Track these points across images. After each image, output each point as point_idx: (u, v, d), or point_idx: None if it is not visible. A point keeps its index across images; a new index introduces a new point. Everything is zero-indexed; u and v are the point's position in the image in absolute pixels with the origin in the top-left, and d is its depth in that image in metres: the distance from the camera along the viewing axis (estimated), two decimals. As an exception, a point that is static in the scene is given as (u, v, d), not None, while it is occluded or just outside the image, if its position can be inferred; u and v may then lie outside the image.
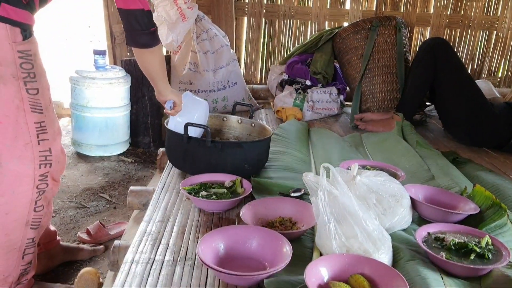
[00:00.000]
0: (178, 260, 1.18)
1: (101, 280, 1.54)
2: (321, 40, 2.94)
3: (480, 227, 1.33)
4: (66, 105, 3.28)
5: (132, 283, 1.08)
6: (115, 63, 2.99)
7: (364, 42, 2.71)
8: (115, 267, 1.36)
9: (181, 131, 1.61)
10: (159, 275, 1.12)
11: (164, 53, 3.00)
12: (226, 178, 1.57)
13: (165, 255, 1.20)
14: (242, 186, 1.54)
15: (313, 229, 1.31)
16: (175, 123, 1.71)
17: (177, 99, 1.69)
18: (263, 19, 3.22)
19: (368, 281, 1.03)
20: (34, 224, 1.41)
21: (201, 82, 2.63)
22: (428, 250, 1.15)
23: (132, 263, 1.16)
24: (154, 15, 2.65)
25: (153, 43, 1.51)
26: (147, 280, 1.10)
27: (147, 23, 1.45)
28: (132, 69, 2.76)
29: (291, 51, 3.19)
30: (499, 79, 3.55)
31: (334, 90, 2.82)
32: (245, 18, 3.21)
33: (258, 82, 3.36)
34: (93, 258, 1.83)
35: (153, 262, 1.17)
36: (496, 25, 3.38)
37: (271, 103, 2.97)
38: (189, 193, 1.45)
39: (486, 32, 3.42)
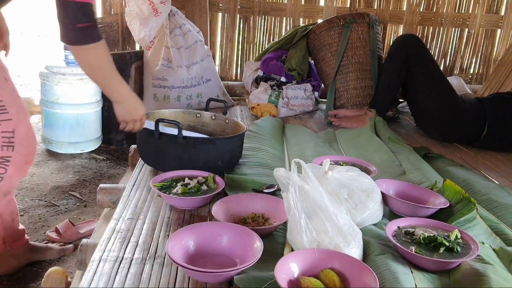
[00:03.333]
0: (148, 258, 1.16)
1: (69, 279, 1.50)
2: (296, 36, 2.94)
3: (450, 221, 1.35)
4: (37, 101, 3.21)
5: (99, 282, 1.06)
6: (87, 59, 2.93)
7: (338, 39, 2.72)
8: (82, 266, 1.32)
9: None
10: (127, 273, 1.09)
11: (137, 48, 2.96)
12: (199, 175, 1.55)
13: (134, 253, 1.18)
14: (215, 183, 1.53)
15: (285, 224, 1.30)
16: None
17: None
18: (238, 15, 3.21)
19: (338, 275, 1.02)
20: None
21: (175, 78, 2.60)
22: (397, 244, 1.15)
23: (99, 261, 1.14)
24: (126, 9, 2.61)
25: (82, 40, 1.29)
26: (114, 278, 1.07)
27: (78, 17, 1.25)
28: (104, 64, 2.70)
29: (266, 47, 3.18)
30: (470, 76, 3.61)
31: (308, 86, 2.82)
32: (220, 14, 3.19)
33: (234, 78, 3.35)
34: (62, 258, 1.79)
35: (121, 260, 1.14)
36: (468, 23, 3.44)
37: (247, 100, 2.96)
38: (160, 190, 1.42)
39: (458, 29, 3.48)
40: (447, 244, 1.16)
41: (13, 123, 1.29)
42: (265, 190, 1.54)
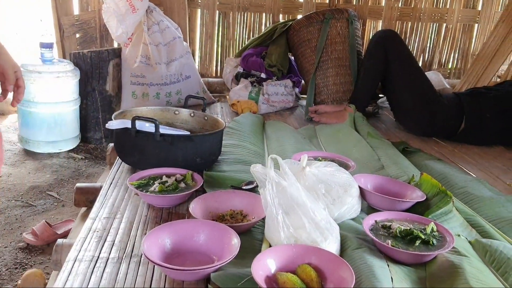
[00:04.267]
0: (124, 257, 1.15)
1: (46, 281, 1.48)
2: (276, 32, 2.93)
3: (426, 214, 1.36)
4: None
5: (74, 282, 1.04)
6: (64, 57, 2.89)
7: (318, 35, 2.72)
8: (58, 266, 1.30)
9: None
10: (103, 273, 1.08)
11: (115, 45, 2.93)
12: (177, 172, 1.54)
13: (110, 253, 1.16)
14: (193, 180, 1.52)
15: (264, 221, 1.30)
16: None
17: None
18: (217, 11, 3.19)
19: (315, 270, 1.02)
20: None
21: (154, 75, 2.57)
22: (374, 238, 1.16)
23: (75, 261, 1.12)
24: (103, 6, 2.58)
25: None
26: (90, 278, 1.06)
27: None
28: (81, 62, 2.67)
29: (246, 43, 3.17)
30: (449, 71, 3.65)
31: (289, 83, 2.82)
32: (199, 10, 3.17)
33: (214, 75, 3.33)
34: (40, 258, 1.76)
35: (97, 260, 1.13)
36: (446, 18, 3.48)
37: (227, 97, 2.95)
38: (137, 188, 1.41)
39: (436, 24, 3.51)
40: (423, 237, 1.17)
41: None
42: (244, 187, 1.54)
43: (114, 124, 1.62)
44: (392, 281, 1.02)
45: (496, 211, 1.49)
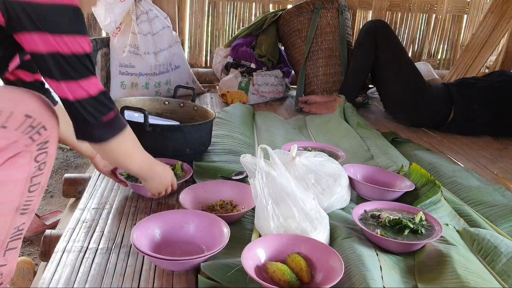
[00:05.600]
0: (113, 247, 1.14)
1: (36, 269, 1.47)
2: (266, 22, 2.91)
3: (415, 204, 1.37)
4: None
5: (63, 272, 1.04)
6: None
7: (308, 25, 2.71)
8: (46, 257, 1.29)
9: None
10: (92, 263, 1.08)
11: (104, 35, 2.89)
12: (167, 162, 1.53)
13: (99, 243, 1.16)
14: (182, 170, 1.51)
15: (254, 211, 1.30)
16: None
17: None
18: (207, 1, 3.16)
19: (305, 259, 1.03)
20: (24, 209, 1.00)
21: (142, 65, 2.55)
22: (363, 227, 1.17)
23: (63, 252, 1.11)
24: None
25: (112, 132, 1.03)
26: (79, 269, 1.05)
27: (101, 110, 0.98)
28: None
29: (235, 33, 3.15)
30: (438, 61, 3.67)
31: (279, 73, 2.81)
32: (188, 0, 3.14)
33: (203, 65, 3.31)
34: (28, 249, 1.75)
35: (86, 250, 1.13)
36: (435, 8, 3.48)
37: (217, 87, 2.93)
38: (126, 179, 1.40)
39: (425, 15, 3.52)
40: (411, 226, 1.18)
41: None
42: (234, 177, 1.54)
43: None
44: (381, 269, 1.03)
45: (483, 200, 1.51)
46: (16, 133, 0.92)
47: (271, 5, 3.24)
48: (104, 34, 2.90)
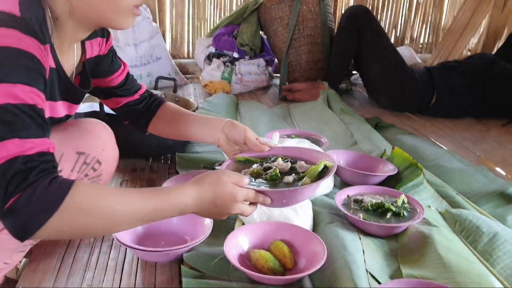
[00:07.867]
0: (95, 241, 1.13)
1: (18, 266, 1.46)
2: (247, 10, 2.89)
3: (398, 187, 1.38)
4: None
5: (46, 266, 1.03)
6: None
7: (289, 12, 2.70)
8: (27, 252, 1.28)
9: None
10: (73, 257, 1.06)
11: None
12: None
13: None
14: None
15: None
16: None
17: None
18: (187, -10, 3.13)
19: (288, 246, 1.03)
20: None
21: (123, 58, 2.48)
22: (346, 212, 1.17)
23: (46, 246, 1.10)
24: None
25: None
26: (60, 262, 1.04)
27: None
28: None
29: (217, 23, 3.12)
30: (421, 45, 3.68)
31: (262, 62, 2.80)
32: (167, -10, 3.10)
33: (186, 56, 3.28)
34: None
35: (68, 244, 1.11)
36: (417, -7, 3.49)
37: (200, 78, 2.91)
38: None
39: (407, -1, 3.52)
40: (393, 209, 1.18)
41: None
42: (217, 167, 1.53)
43: (82, 107, 1.58)
44: (363, 253, 1.03)
45: (466, 181, 1.52)
46: (72, 174, 0.91)
47: (252, -6, 3.21)
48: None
